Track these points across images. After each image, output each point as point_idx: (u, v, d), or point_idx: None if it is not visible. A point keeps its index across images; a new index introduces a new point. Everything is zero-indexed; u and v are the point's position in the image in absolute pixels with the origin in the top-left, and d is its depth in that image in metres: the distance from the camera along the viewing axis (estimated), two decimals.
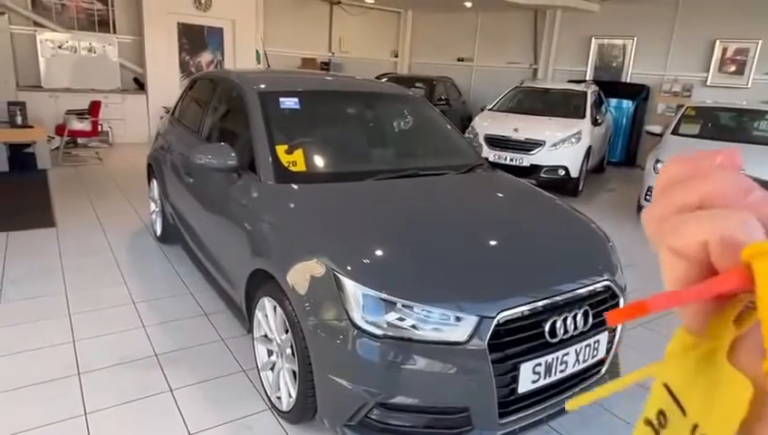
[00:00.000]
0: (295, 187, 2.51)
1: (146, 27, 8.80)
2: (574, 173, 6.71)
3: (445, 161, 3.13)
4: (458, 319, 1.83)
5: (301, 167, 2.64)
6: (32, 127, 6.74)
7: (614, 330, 2.24)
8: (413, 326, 1.83)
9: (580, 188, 7.06)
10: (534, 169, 6.61)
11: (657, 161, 5.89)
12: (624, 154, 9.93)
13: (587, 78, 10.23)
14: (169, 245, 4.29)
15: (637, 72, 9.99)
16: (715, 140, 6.20)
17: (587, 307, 2.07)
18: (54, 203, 5.38)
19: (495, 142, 6.82)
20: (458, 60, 12.60)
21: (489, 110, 7.90)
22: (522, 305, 1.91)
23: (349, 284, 1.89)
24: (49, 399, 2.36)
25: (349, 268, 1.93)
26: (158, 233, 4.36)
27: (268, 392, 2.41)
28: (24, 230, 4.50)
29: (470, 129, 7.21)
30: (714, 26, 8.88)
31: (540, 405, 2.02)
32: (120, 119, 8.85)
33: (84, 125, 7.49)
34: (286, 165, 2.61)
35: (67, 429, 2.18)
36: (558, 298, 1.99)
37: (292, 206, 2.42)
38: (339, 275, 1.92)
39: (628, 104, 9.72)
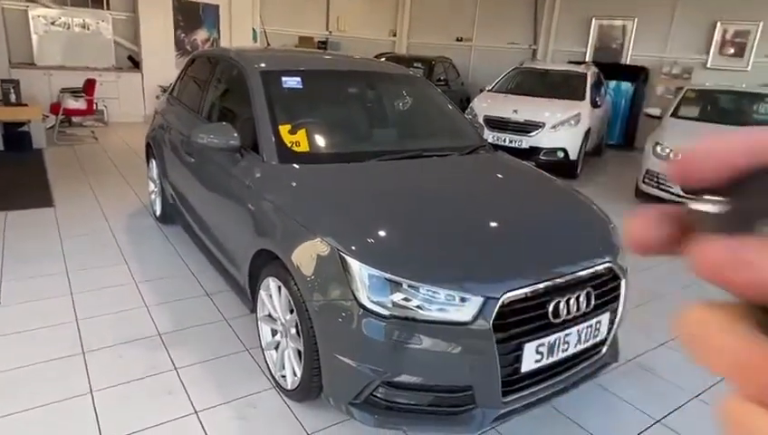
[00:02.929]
0: (298, 167, 2.51)
1: (140, 3, 8.64)
2: (573, 155, 6.72)
3: (448, 142, 3.12)
4: (463, 300, 1.85)
5: (304, 147, 2.63)
6: (26, 105, 6.65)
7: (615, 311, 2.26)
8: (418, 307, 1.84)
9: (579, 170, 7.06)
10: (533, 151, 6.60)
11: (657, 144, 5.89)
12: (623, 136, 9.93)
13: (586, 59, 10.16)
14: (169, 225, 4.28)
15: (636, 53, 9.92)
16: (715, 123, 6.21)
17: (589, 288, 2.09)
18: (52, 182, 5.34)
19: (495, 124, 6.79)
20: (457, 40, 12.47)
21: (488, 91, 7.85)
22: (526, 286, 1.92)
23: (354, 264, 1.90)
24: (54, 378, 2.38)
25: (354, 248, 1.94)
26: (158, 213, 4.34)
27: (272, 371, 2.43)
28: (22, 210, 4.48)
29: (469, 110, 7.17)
30: (715, 8, 8.81)
31: (542, 384, 2.05)
32: (114, 97, 8.74)
33: (79, 103, 7.40)
34: (289, 145, 2.59)
35: (74, 406, 2.20)
36: (561, 280, 2.01)
37: (295, 186, 2.41)
38: (344, 256, 1.92)
39: (627, 86, 9.69)
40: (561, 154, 6.66)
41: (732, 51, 8.84)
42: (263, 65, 2.97)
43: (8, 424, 2.08)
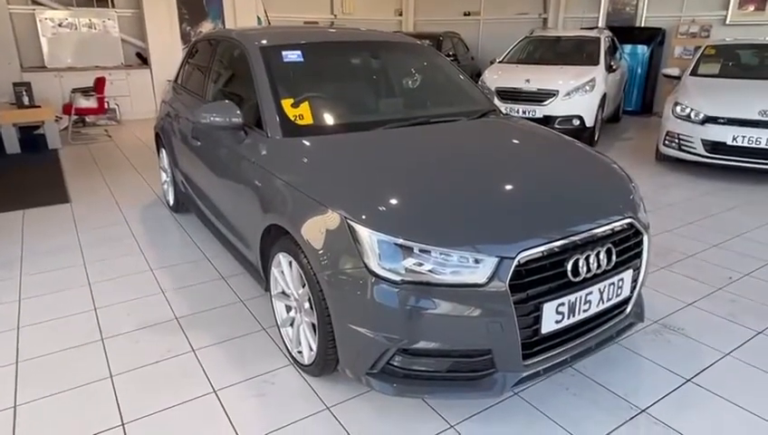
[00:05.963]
0: (303, 140, 2.45)
1: None
2: (589, 123, 6.54)
3: (456, 108, 3.03)
4: (477, 261, 1.78)
5: (308, 120, 2.57)
6: (39, 107, 6.72)
7: (638, 268, 2.17)
8: (431, 271, 1.79)
9: (596, 138, 6.89)
10: (548, 120, 6.44)
11: (677, 104, 5.69)
12: (640, 103, 9.64)
13: (599, 25, 9.86)
14: (183, 214, 4.30)
15: (651, 15, 9.59)
16: (737, 78, 5.96)
17: (610, 245, 2.01)
18: (67, 180, 5.40)
19: (507, 95, 6.65)
20: (465, 14, 12.22)
21: (499, 62, 7.67)
22: (542, 245, 1.85)
23: (364, 231, 1.84)
24: (75, 364, 2.39)
25: (363, 217, 1.88)
26: (171, 203, 4.35)
27: (289, 348, 2.41)
28: (39, 207, 4.53)
29: (480, 83, 7.01)
30: None
31: (564, 346, 1.98)
32: (125, 95, 8.80)
33: (91, 102, 7.46)
34: (293, 119, 2.53)
35: (94, 390, 2.21)
36: (578, 237, 1.93)
37: (301, 159, 2.36)
38: (353, 224, 1.87)
39: (642, 50, 9.37)
40: (576, 122, 6.49)
41: (752, 7, 8.46)
42: (263, 42, 2.91)
43: (35, 409, 2.10)
